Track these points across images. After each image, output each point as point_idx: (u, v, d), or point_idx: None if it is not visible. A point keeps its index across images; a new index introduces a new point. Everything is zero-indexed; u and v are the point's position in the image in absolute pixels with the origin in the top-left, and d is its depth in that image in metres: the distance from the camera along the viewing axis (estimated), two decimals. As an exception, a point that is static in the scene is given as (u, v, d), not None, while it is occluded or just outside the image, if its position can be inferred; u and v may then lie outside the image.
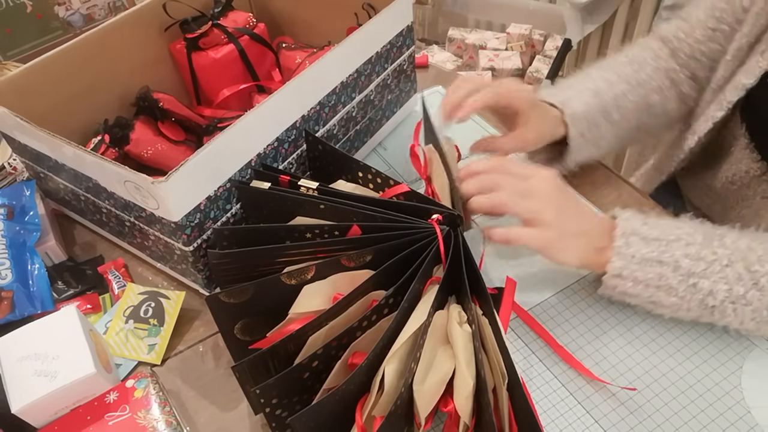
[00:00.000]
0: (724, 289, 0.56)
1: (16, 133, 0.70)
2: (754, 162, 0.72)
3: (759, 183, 0.72)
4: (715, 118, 0.72)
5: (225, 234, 0.63)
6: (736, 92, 0.68)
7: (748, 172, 0.73)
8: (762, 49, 0.66)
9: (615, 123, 0.73)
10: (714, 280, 0.56)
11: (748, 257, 0.56)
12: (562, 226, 0.59)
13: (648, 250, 0.57)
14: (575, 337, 0.63)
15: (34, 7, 1.01)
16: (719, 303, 0.56)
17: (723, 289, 0.56)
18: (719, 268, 0.56)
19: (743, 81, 0.67)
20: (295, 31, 0.94)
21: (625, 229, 0.58)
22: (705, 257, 0.56)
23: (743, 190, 0.75)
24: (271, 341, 0.53)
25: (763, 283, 0.55)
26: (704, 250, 0.57)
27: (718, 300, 0.56)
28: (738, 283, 0.56)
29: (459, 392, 0.50)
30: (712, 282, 0.56)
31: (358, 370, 0.48)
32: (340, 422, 0.50)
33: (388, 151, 0.87)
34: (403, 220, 0.58)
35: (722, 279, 0.56)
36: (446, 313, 0.55)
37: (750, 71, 0.67)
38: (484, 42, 2.35)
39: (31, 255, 0.70)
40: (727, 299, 0.56)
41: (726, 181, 0.76)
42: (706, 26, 0.74)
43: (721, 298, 0.56)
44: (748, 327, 0.58)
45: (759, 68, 0.66)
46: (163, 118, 0.80)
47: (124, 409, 0.57)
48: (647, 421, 0.56)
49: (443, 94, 0.95)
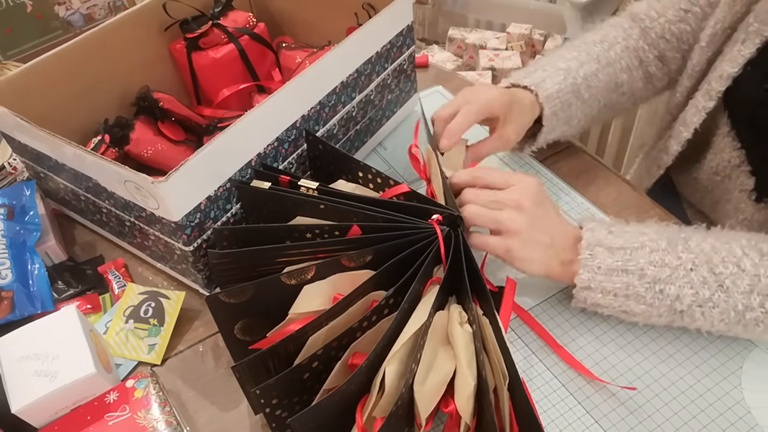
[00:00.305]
0: (690, 293, 0.56)
1: (16, 133, 0.70)
2: (734, 150, 0.72)
3: (738, 174, 0.73)
4: (707, 108, 0.72)
5: (225, 234, 0.63)
6: (722, 81, 0.69)
7: (729, 162, 0.73)
8: (742, 38, 0.67)
9: (585, 102, 0.74)
10: (679, 285, 0.56)
11: (712, 259, 0.56)
12: (527, 236, 0.59)
13: (613, 260, 0.57)
14: (575, 337, 0.63)
15: (34, 6, 1.01)
16: (687, 308, 0.56)
17: (689, 294, 0.56)
18: (683, 273, 0.56)
19: (728, 70, 0.68)
20: (295, 31, 0.94)
21: (590, 240, 0.58)
22: (669, 263, 0.56)
23: (725, 182, 0.75)
24: (271, 341, 0.53)
25: (727, 284, 0.55)
26: (668, 255, 0.57)
27: (685, 304, 0.56)
28: (703, 287, 0.56)
29: (460, 393, 0.50)
30: (678, 287, 0.56)
31: (358, 370, 0.48)
32: (340, 423, 0.50)
33: (388, 151, 0.87)
34: (403, 220, 0.58)
35: (687, 284, 0.56)
36: (447, 313, 0.55)
37: (733, 60, 0.68)
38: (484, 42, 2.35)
39: (31, 255, 0.70)
40: (694, 303, 0.56)
41: (711, 173, 0.77)
42: (678, 7, 0.75)
43: (688, 303, 0.56)
44: (719, 329, 0.58)
45: (741, 57, 0.67)
46: (163, 117, 0.80)
47: (124, 409, 0.57)
48: (647, 421, 0.56)
49: (443, 94, 0.96)
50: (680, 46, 0.77)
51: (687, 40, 0.76)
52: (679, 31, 0.76)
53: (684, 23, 0.75)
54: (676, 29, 0.76)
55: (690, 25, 0.75)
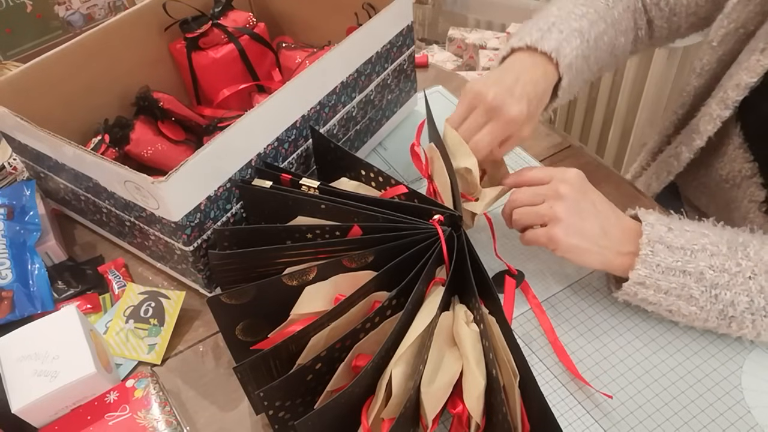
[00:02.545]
0: (745, 301, 0.56)
1: (16, 133, 0.70)
2: (747, 162, 0.71)
3: (749, 185, 0.72)
4: (722, 117, 0.70)
5: (226, 234, 0.63)
6: (740, 91, 0.67)
7: (740, 172, 0.72)
8: (761, 47, 0.65)
9: (590, 67, 0.72)
10: (736, 292, 0.56)
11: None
12: (570, 223, 0.58)
13: (673, 260, 0.56)
14: (575, 336, 0.63)
15: (34, 7, 1.01)
16: (739, 314, 0.56)
17: (744, 301, 0.56)
18: (742, 281, 0.56)
19: (746, 79, 0.66)
20: (295, 31, 0.94)
21: (651, 237, 0.57)
22: (729, 269, 0.56)
23: (734, 190, 0.75)
24: (272, 342, 0.53)
25: None
26: (728, 261, 0.56)
27: (738, 311, 0.56)
28: (759, 296, 0.55)
29: (470, 392, 0.50)
30: (734, 294, 0.56)
31: (363, 372, 0.48)
32: (346, 425, 0.50)
33: (388, 151, 0.87)
34: (404, 220, 0.58)
35: (744, 291, 0.56)
36: (452, 314, 0.55)
37: (752, 69, 0.66)
38: (484, 42, 2.35)
39: (31, 255, 0.70)
40: (747, 311, 0.56)
41: (720, 180, 0.76)
42: None
43: (741, 310, 0.56)
44: (765, 339, 0.58)
45: (761, 66, 0.65)
46: (163, 117, 0.80)
47: (124, 409, 0.57)
48: (647, 421, 0.56)
49: (443, 94, 0.95)
50: (671, 17, 0.75)
51: (679, 13, 0.74)
52: (675, 3, 0.74)
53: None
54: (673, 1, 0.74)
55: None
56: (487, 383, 0.50)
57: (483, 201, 0.65)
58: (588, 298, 0.66)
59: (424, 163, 0.70)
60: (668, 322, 0.63)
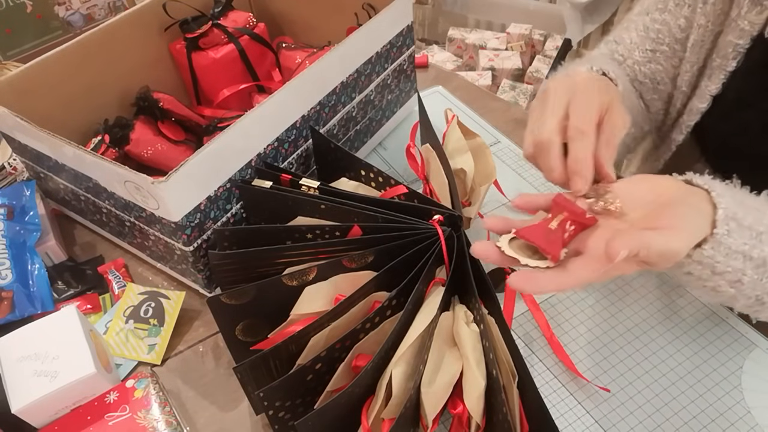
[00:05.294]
0: None
1: (16, 133, 0.70)
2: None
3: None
4: (677, 141, 0.73)
5: (226, 234, 0.63)
6: (693, 116, 0.69)
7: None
8: (708, 74, 0.67)
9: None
10: None
11: None
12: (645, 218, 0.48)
13: (741, 242, 0.48)
14: (575, 336, 0.63)
15: (34, 7, 1.02)
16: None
17: None
18: None
19: (698, 105, 0.68)
20: (295, 31, 0.94)
21: (728, 212, 0.47)
22: None
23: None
24: (272, 342, 0.53)
25: None
26: None
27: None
28: None
29: (470, 392, 0.50)
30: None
31: (363, 372, 0.48)
32: (346, 425, 0.50)
33: (388, 151, 0.87)
34: (404, 220, 0.58)
35: None
36: (452, 314, 0.55)
37: (701, 95, 0.68)
38: (484, 42, 2.35)
39: (31, 255, 0.70)
40: None
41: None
42: (644, 48, 0.72)
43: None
44: None
45: (708, 92, 0.67)
46: (163, 118, 0.80)
47: (124, 409, 0.57)
48: (647, 421, 0.56)
49: (443, 94, 0.96)
50: (656, 86, 0.73)
51: (662, 80, 0.73)
52: (651, 71, 0.73)
53: (654, 63, 0.72)
54: (647, 70, 0.73)
55: (661, 64, 0.72)
56: (488, 383, 0.50)
57: (476, 202, 0.65)
58: (588, 298, 0.66)
59: (420, 165, 0.70)
60: (669, 323, 0.63)
